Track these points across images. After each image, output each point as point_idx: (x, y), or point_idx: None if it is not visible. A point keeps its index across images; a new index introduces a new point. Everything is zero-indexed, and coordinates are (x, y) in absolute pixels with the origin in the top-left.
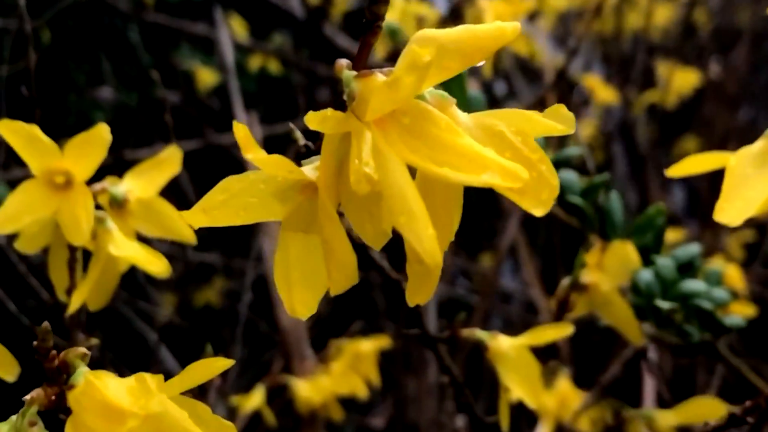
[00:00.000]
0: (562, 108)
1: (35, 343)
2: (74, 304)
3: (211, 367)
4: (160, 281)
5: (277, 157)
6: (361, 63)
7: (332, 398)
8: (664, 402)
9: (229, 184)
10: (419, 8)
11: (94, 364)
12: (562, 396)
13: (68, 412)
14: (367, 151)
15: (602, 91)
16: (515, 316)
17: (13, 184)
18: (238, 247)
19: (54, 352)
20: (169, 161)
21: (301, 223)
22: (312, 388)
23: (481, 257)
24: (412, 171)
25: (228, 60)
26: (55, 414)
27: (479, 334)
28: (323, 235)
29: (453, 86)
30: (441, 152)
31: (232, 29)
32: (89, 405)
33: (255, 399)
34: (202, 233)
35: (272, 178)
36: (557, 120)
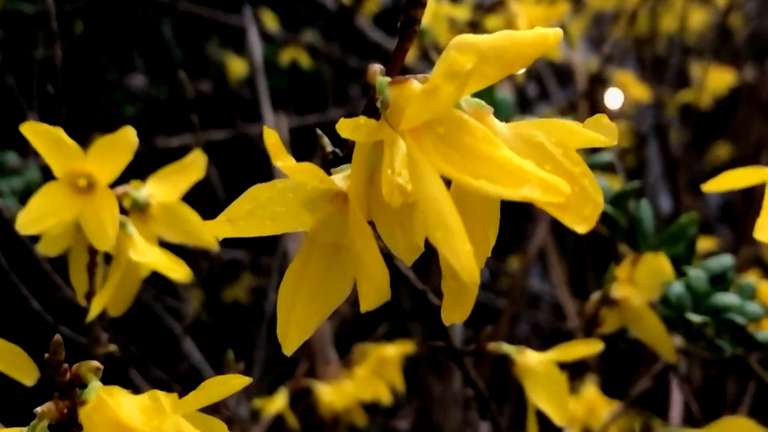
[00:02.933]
0: (603, 118)
1: (46, 355)
2: (94, 311)
3: (227, 384)
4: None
5: (307, 165)
6: (396, 69)
7: (355, 403)
8: (692, 415)
9: (257, 192)
10: (451, 10)
11: (121, 362)
12: (589, 403)
13: (80, 426)
14: (400, 160)
15: (634, 89)
16: (544, 321)
17: (46, 170)
18: (265, 245)
19: (66, 365)
20: (193, 166)
21: (331, 233)
22: (335, 393)
23: (509, 260)
24: (447, 183)
25: (257, 58)
26: (67, 428)
27: (506, 348)
28: (355, 248)
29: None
30: (478, 164)
31: (263, 23)
32: (101, 422)
33: (278, 402)
34: None
35: (301, 187)
36: (598, 130)
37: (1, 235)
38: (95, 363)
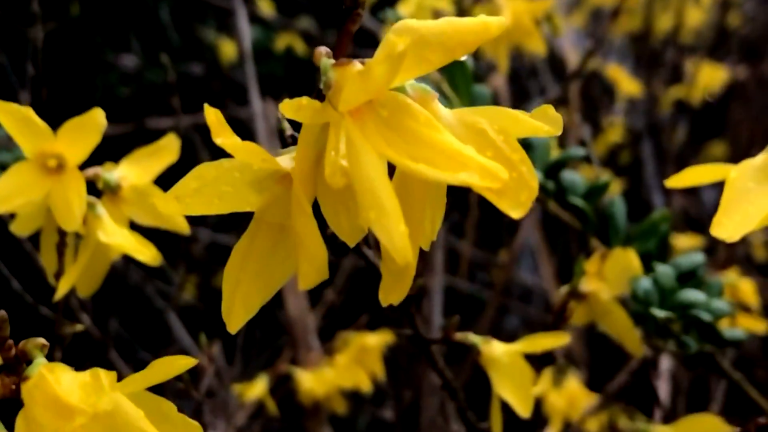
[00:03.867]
0: (549, 109)
1: None
2: (61, 290)
3: (173, 365)
4: (178, 261)
5: (249, 144)
6: (341, 51)
7: (336, 391)
8: (677, 411)
9: (203, 171)
10: (436, 2)
11: (101, 343)
12: (571, 396)
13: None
14: (345, 142)
15: (626, 83)
16: (534, 315)
17: None
18: None
19: (11, 341)
20: (166, 149)
21: (277, 214)
22: (316, 380)
23: (501, 252)
24: (392, 168)
25: (245, 44)
26: (16, 404)
27: (472, 338)
28: (295, 228)
29: (458, 81)
30: (418, 147)
31: (259, 8)
32: (40, 399)
33: (258, 388)
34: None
35: (248, 167)
36: (544, 121)
37: None
38: (41, 340)
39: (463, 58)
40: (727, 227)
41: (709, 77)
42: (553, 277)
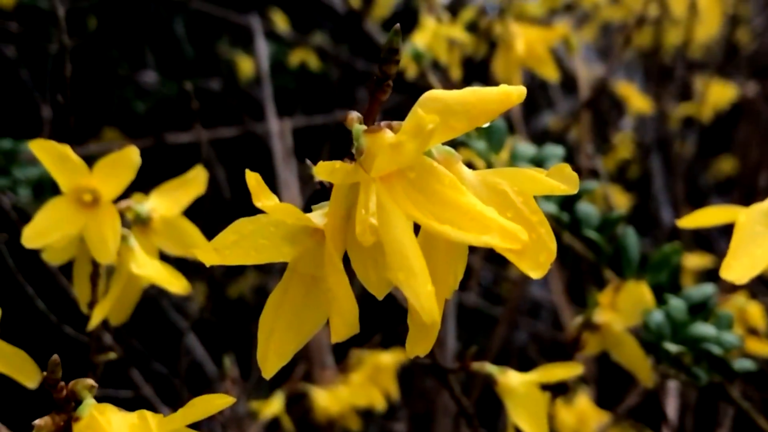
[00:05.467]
0: (566, 168)
1: (44, 374)
2: (95, 320)
3: (211, 404)
4: (194, 273)
5: (286, 206)
6: (371, 118)
7: (350, 409)
8: (685, 429)
9: (241, 225)
10: (451, 31)
11: (122, 360)
12: (581, 413)
13: None
14: (374, 202)
15: (636, 100)
16: (542, 330)
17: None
18: None
19: (62, 383)
20: (194, 181)
21: (309, 265)
22: (330, 398)
23: (510, 267)
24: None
25: (263, 64)
26: None
27: (489, 368)
28: (327, 282)
29: None
30: (444, 209)
31: (274, 23)
32: None
33: (274, 405)
34: None
35: (283, 222)
36: (561, 179)
37: (7, 235)
38: (90, 381)
39: None
40: (735, 270)
41: (719, 94)
42: (563, 292)
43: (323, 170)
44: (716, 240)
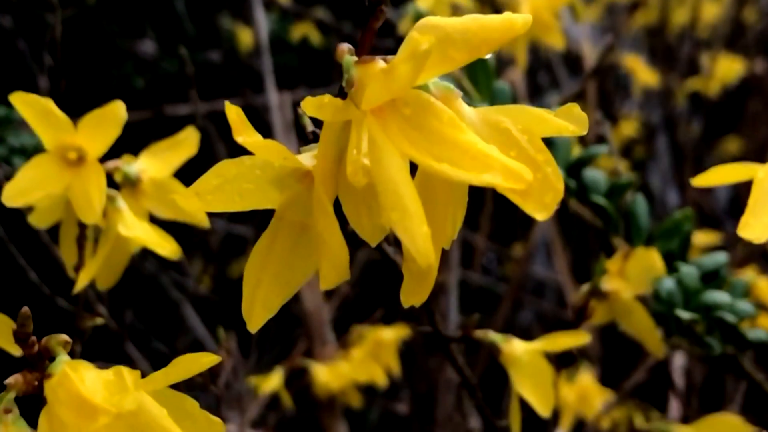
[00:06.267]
0: (575, 107)
1: (14, 327)
2: (81, 283)
3: (196, 362)
4: (194, 252)
5: (271, 143)
6: (364, 48)
7: (351, 385)
8: (691, 408)
9: (225, 168)
10: None
11: (118, 334)
12: (583, 391)
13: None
14: (366, 141)
15: (643, 73)
16: (547, 309)
17: None
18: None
19: (34, 338)
20: (185, 142)
21: (298, 212)
22: (331, 374)
23: (514, 246)
24: (414, 166)
25: (263, 37)
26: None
27: (492, 336)
28: (317, 228)
29: (479, 77)
30: (441, 147)
31: None
32: (63, 397)
33: (273, 381)
34: None
35: (269, 165)
36: (569, 120)
37: None
38: (64, 336)
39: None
40: (754, 228)
41: (726, 69)
42: (568, 270)
43: (311, 105)
44: (724, 220)
